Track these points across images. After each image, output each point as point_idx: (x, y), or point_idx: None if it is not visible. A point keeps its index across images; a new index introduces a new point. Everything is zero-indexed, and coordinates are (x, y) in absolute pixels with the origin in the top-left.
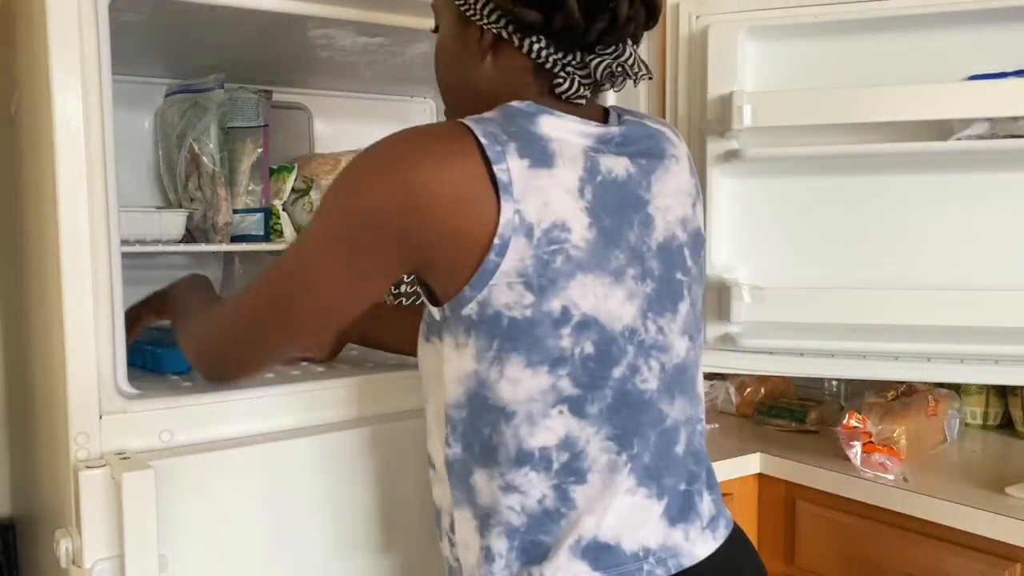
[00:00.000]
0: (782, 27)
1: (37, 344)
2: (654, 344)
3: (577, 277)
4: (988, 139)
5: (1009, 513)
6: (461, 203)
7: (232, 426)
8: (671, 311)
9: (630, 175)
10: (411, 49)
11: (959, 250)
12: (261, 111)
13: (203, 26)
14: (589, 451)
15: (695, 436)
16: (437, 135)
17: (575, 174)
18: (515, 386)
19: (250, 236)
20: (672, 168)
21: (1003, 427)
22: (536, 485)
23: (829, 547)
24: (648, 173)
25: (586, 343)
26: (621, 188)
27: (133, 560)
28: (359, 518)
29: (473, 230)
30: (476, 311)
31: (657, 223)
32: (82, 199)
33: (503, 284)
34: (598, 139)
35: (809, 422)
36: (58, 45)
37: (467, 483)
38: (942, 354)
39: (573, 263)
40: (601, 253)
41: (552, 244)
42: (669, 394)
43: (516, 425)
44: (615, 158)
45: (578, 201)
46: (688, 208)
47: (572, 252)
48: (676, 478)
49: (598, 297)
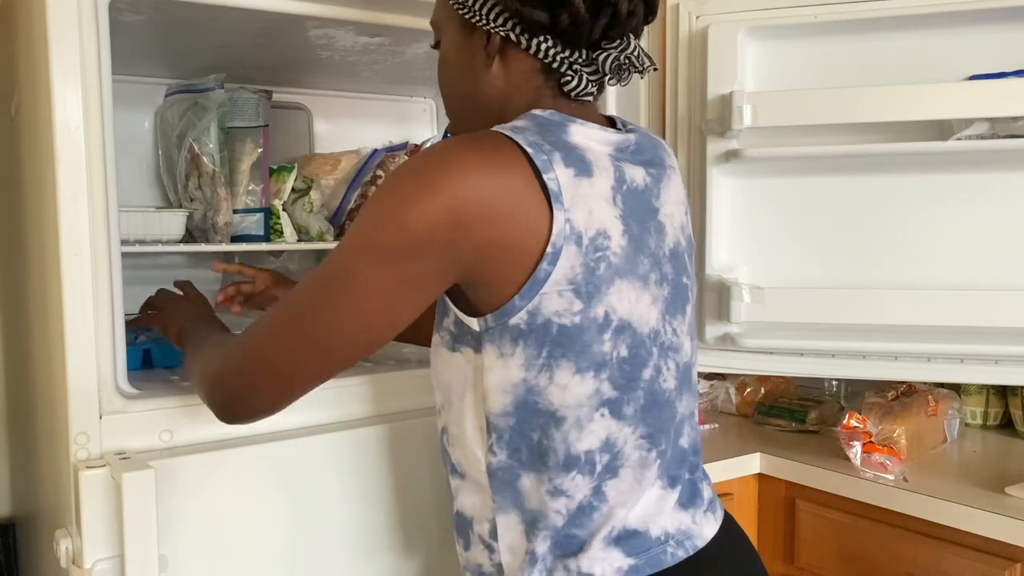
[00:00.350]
0: (782, 27)
1: (37, 344)
2: (671, 345)
3: (616, 283)
4: (988, 139)
5: (1009, 513)
6: (511, 213)
7: (232, 426)
8: (681, 313)
9: (646, 184)
10: (411, 49)
11: (959, 250)
12: (261, 111)
13: (203, 26)
14: (625, 450)
15: (693, 428)
16: (483, 145)
17: (608, 183)
18: (564, 392)
19: (250, 236)
20: (672, 178)
21: (1003, 427)
22: (581, 488)
23: (829, 547)
24: (657, 182)
25: (622, 346)
26: (641, 196)
27: (133, 560)
28: (359, 517)
29: (523, 239)
30: (525, 320)
31: (667, 230)
32: (82, 199)
33: (553, 292)
34: (617, 147)
35: (809, 422)
36: (58, 45)
37: (513, 488)
38: (942, 354)
39: (612, 269)
40: (632, 259)
41: (597, 251)
42: (679, 392)
43: (566, 431)
44: (634, 167)
45: (613, 209)
46: (683, 216)
47: (612, 259)
48: (684, 469)
49: (631, 302)
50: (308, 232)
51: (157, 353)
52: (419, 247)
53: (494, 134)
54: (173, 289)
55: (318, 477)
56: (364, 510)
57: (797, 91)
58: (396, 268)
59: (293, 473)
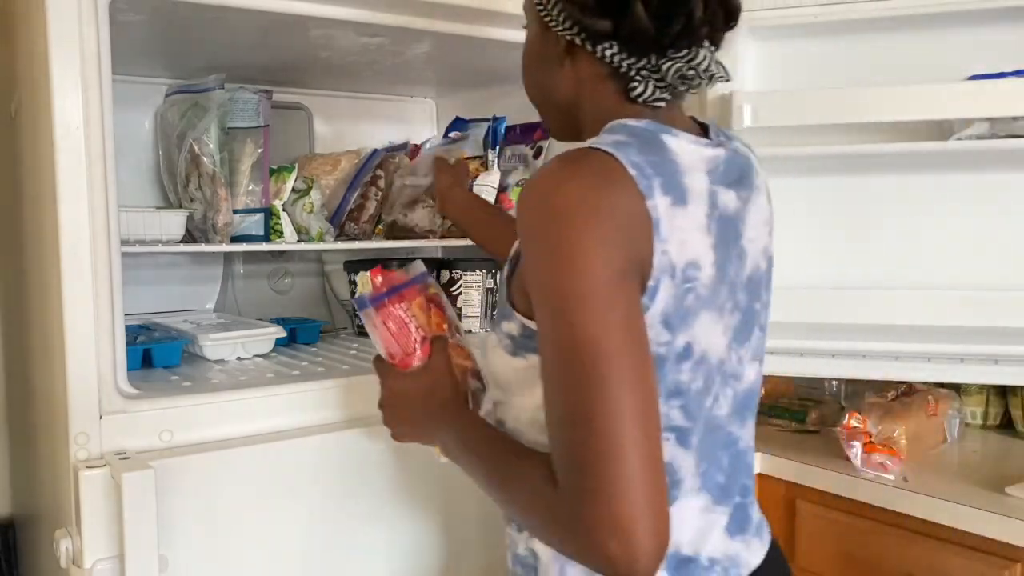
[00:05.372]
0: (782, 27)
1: (37, 344)
2: (732, 373)
3: (701, 315)
4: (988, 139)
5: (1009, 513)
6: (635, 237)
7: (232, 426)
8: (747, 340)
9: (736, 209)
10: (411, 49)
11: (959, 250)
12: (261, 111)
13: (203, 26)
14: (684, 479)
15: (747, 452)
16: (592, 168)
17: (703, 210)
18: None
19: (250, 236)
20: (758, 200)
21: (1003, 427)
22: None
23: (829, 547)
24: (746, 204)
25: (699, 378)
26: (730, 223)
27: (133, 560)
28: (359, 517)
29: (643, 270)
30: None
31: (748, 256)
32: (82, 199)
33: (650, 325)
34: (710, 164)
35: (809, 422)
36: (58, 45)
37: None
38: (942, 354)
39: (700, 301)
40: (716, 289)
41: (687, 283)
42: (740, 417)
43: None
44: (726, 191)
45: (706, 237)
46: (767, 237)
47: (700, 290)
48: (735, 493)
49: (708, 332)
50: (308, 232)
51: (157, 353)
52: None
53: (597, 153)
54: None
55: (318, 477)
56: (364, 509)
57: (797, 91)
58: (617, 311)
59: (293, 473)
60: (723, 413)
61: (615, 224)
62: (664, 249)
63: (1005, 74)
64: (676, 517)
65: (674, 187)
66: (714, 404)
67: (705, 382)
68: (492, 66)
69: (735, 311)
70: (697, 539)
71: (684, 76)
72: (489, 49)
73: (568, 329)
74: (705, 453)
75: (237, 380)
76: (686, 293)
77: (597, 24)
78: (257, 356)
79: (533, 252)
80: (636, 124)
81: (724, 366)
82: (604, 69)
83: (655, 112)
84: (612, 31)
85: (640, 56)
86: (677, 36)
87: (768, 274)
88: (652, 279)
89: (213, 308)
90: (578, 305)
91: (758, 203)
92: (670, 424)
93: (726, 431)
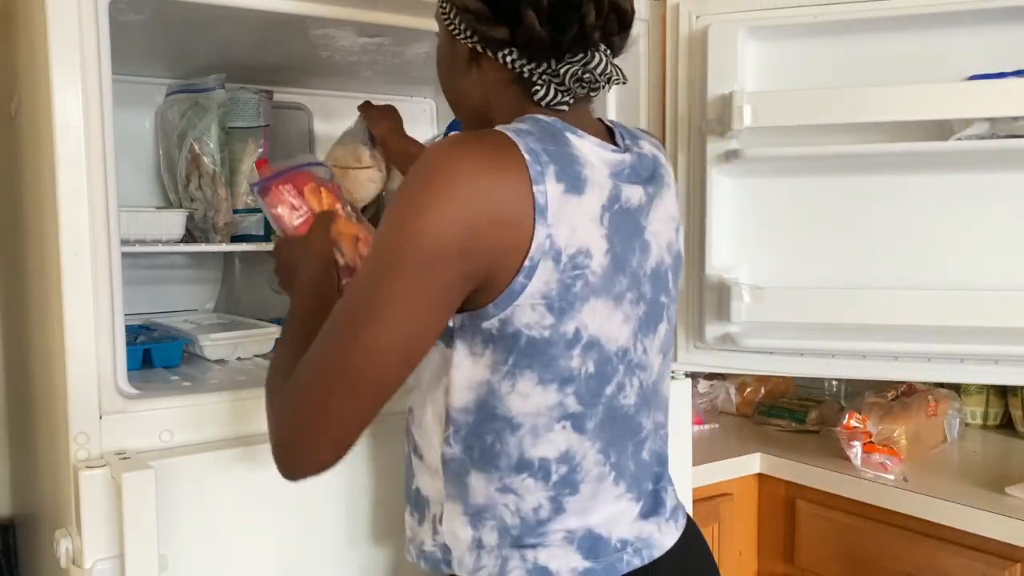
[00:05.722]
0: (782, 27)
1: (37, 344)
2: (638, 363)
3: (590, 301)
4: (988, 139)
5: (1009, 513)
6: (508, 220)
7: (232, 426)
8: (653, 332)
9: (640, 203)
10: (411, 49)
11: (959, 250)
12: (262, 111)
13: (203, 26)
14: (584, 464)
15: (659, 441)
16: (487, 147)
17: (599, 201)
18: (525, 400)
19: (250, 236)
20: (664, 194)
21: (1003, 427)
22: (533, 492)
23: (829, 547)
24: (651, 200)
25: (590, 363)
26: (631, 216)
27: (133, 560)
28: (359, 516)
29: (512, 248)
30: (496, 327)
31: (652, 249)
32: (82, 199)
33: (527, 305)
34: (615, 164)
35: (809, 422)
36: (58, 45)
37: (463, 482)
38: (942, 354)
39: (589, 288)
40: (610, 278)
41: (575, 270)
42: (646, 408)
43: (521, 436)
44: (632, 186)
45: (599, 228)
46: (672, 232)
47: (590, 278)
48: (647, 480)
49: (602, 319)
50: None
51: (157, 353)
52: (435, 259)
53: (498, 135)
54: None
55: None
56: (364, 509)
57: (797, 91)
58: (416, 283)
59: None
60: (630, 403)
61: (476, 207)
62: (549, 233)
63: (1005, 74)
64: (585, 501)
65: (570, 176)
66: (619, 393)
67: (600, 369)
68: None
69: (640, 302)
70: (609, 522)
71: (581, 80)
72: None
73: (366, 275)
74: (612, 441)
75: (237, 380)
76: (575, 279)
77: (494, 32)
78: (257, 356)
79: (393, 199)
80: (543, 118)
81: (629, 356)
82: (507, 74)
83: (559, 114)
84: (509, 38)
85: (539, 61)
86: (571, 42)
87: (674, 269)
88: (529, 260)
89: (213, 308)
90: (385, 261)
91: (664, 198)
92: (565, 412)
93: (636, 421)
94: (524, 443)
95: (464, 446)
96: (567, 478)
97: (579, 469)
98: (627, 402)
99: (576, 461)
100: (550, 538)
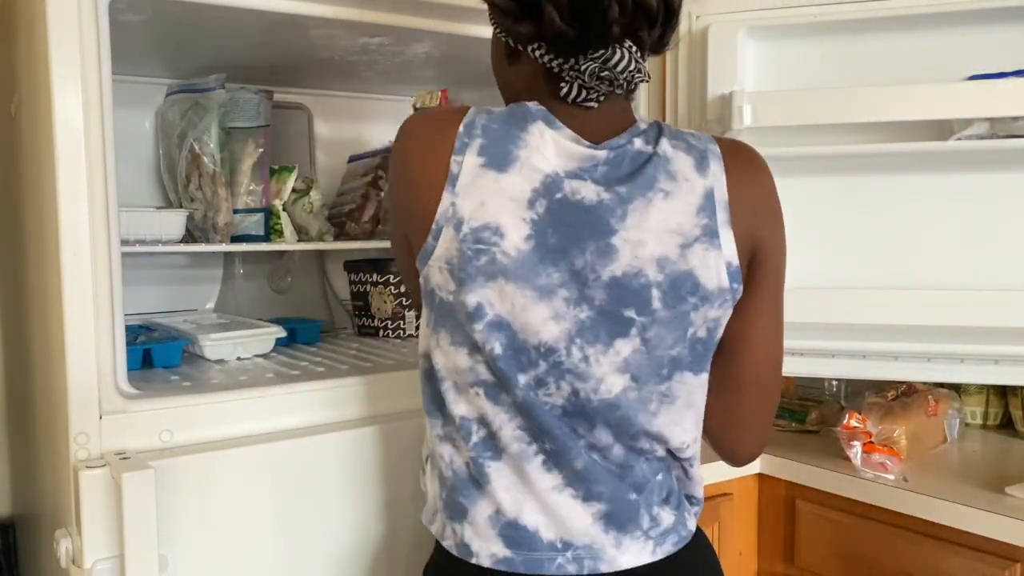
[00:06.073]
0: (782, 27)
1: (37, 344)
2: (572, 369)
3: (498, 281)
4: (988, 139)
5: (1009, 513)
6: (422, 183)
7: (232, 426)
8: (604, 344)
9: (601, 201)
10: (411, 49)
11: (959, 250)
12: (262, 111)
13: (203, 26)
14: (502, 436)
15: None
16: (433, 120)
17: (528, 185)
18: (445, 356)
19: (250, 236)
20: (657, 202)
21: (1003, 427)
22: (462, 450)
23: (829, 547)
24: (625, 202)
25: (496, 343)
26: (584, 212)
27: (133, 560)
28: (358, 517)
29: (425, 210)
30: (424, 283)
31: (620, 255)
32: (82, 199)
33: (436, 267)
34: (582, 158)
35: (809, 422)
36: (58, 45)
37: (431, 424)
38: (942, 354)
39: (497, 267)
40: (532, 267)
41: (478, 243)
42: (587, 421)
43: (445, 390)
44: (586, 183)
45: (523, 211)
46: (672, 249)
47: (499, 257)
48: (619, 487)
49: (515, 306)
50: (308, 232)
51: (157, 353)
52: (393, 209)
53: (461, 109)
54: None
55: (318, 477)
56: (365, 510)
57: (797, 91)
58: (392, 223)
59: (293, 473)
60: (556, 403)
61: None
62: (453, 201)
63: (1005, 74)
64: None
65: (497, 153)
66: (538, 388)
67: (511, 354)
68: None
69: (580, 303)
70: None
71: (600, 77)
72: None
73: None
74: (537, 429)
75: (237, 380)
76: (477, 253)
77: (520, 27)
78: (257, 356)
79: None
80: (530, 105)
81: (556, 356)
82: (539, 69)
83: (584, 111)
84: (536, 33)
85: (565, 57)
86: (594, 38)
87: (670, 290)
88: (435, 223)
89: (213, 308)
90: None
91: (659, 207)
92: (478, 378)
93: (568, 426)
94: (448, 397)
95: (423, 391)
96: (486, 442)
97: (497, 438)
98: (553, 401)
99: (494, 429)
100: (477, 516)
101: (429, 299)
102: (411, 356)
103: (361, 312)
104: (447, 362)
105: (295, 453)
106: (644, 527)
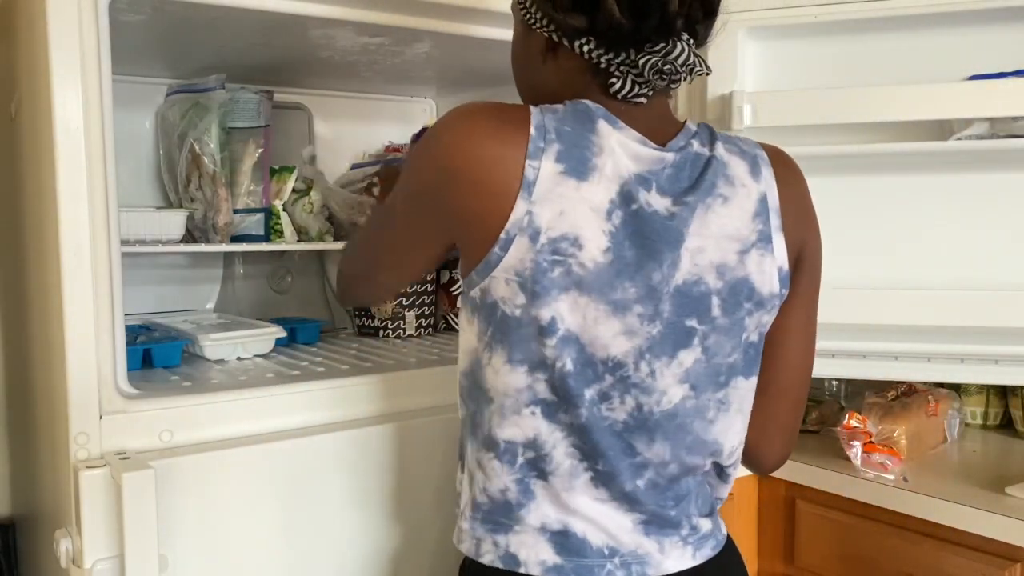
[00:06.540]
0: (782, 27)
1: (37, 344)
2: (638, 384)
3: (572, 294)
4: (988, 139)
5: (1009, 513)
6: (488, 186)
7: (232, 426)
8: (669, 356)
9: (672, 212)
10: (411, 49)
11: (959, 250)
12: (262, 111)
13: (203, 26)
14: (555, 455)
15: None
16: (495, 114)
17: (607, 195)
18: (496, 376)
19: (250, 236)
20: (716, 208)
21: (1003, 427)
22: (499, 475)
23: (829, 547)
24: (692, 210)
25: (567, 359)
26: (659, 222)
27: (133, 560)
28: (360, 518)
29: (490, 217)
30: (479, 296)
31: (683, 264)
32: (82, 199)
33: (502, 278)
34: (653, 161)
35: (809, 422)
36: (58, 45)
37: (464, 443)
38: (942, 354)
39: (572, 279)
40: (609, 281)
41: (556, 254)
42: (647, 435)
43: (491, 412)
44: (655, 192)
45: (602, 222)
46: (731, 255)
47: (575, 268)
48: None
49: (586, 319)
50: (308, 232)
51: (157, 353)
52: (416, 200)
53: (522, 108)
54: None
55: (319, 477)
56: (366, 510)
57: (797, 91)
58: (404, 217)
59: (294, 473)
60: (618, 418)
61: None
62: (529, 209)
63: (1005, 74)
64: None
65: (574, 159)
66: (601, 403)
67: (578, 367)
68: (492, 66)
69: (654, 320)
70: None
71: (661, 71)
72: (489, 49)
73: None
74: (593, 445)
75: (237, 380)
76: (553, 265)
77: (572, 20)
78: (257, 356)
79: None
80: (588, 103)
81: (624, 371)
82: (584, 65)
83: (634, 107)
84: (588, 27)
85: (617, 51)
86: (653, 31)
87: (730, 296)
88: (505, 232)
89: (213, 308)
90: (394, 195)
91: (717, 212)
92: (536, 397)
93: (626, 441)
94: (493, 420)
95: (465, 410)
96: (534, 463)
97: (548, 459)
98: (614, 415)
99: (545, 451)
100: (523, 525)
101: (487, 313)
102: (411, 356)
103: (361, 312)
104: (498, 383)
105: (295, 453)
106: (683, 534)
